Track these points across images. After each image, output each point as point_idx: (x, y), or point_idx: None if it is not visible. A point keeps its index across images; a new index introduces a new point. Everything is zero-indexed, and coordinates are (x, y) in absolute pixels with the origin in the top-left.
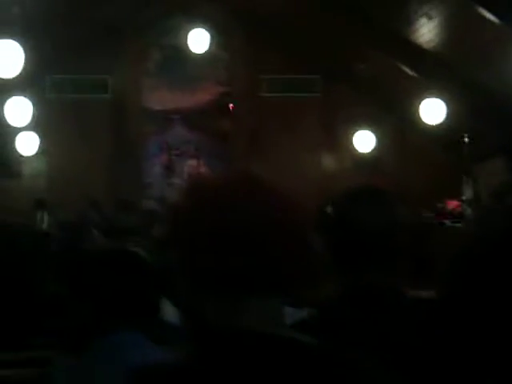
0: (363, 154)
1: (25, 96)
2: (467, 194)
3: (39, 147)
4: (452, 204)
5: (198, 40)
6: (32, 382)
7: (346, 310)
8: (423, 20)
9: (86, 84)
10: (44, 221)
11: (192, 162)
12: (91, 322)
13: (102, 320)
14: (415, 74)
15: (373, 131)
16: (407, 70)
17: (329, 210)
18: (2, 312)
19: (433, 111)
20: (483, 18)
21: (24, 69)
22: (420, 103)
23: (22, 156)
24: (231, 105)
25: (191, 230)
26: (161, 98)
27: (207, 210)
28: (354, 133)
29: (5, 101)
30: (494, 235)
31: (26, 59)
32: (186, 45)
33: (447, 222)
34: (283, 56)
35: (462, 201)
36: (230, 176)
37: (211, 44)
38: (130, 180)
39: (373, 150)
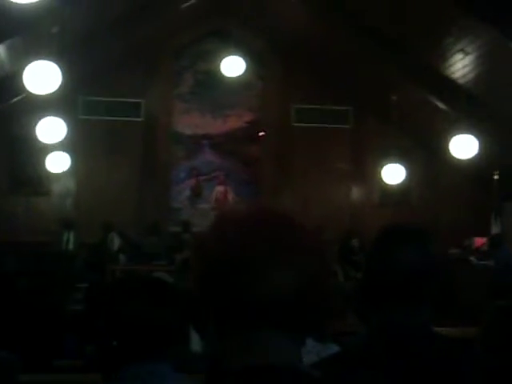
0: (392, 186)
1: (58, 116)
2: (495, 232)
3: (69, 167)
4: (479, 241)
5: (232, 66)
6: None
7: (376, 348)
8: (458, 55)
9: (118, 106)
10: (70, 241)
11: (220, 188)
12: (118, 348)
13: (128, 348)
14: (448, 109)
15: (402, 164)
16: (440, 104)
17: (355, 243)
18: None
19: (464, 147)
20: None
21: (58, 89)
22: (451, 138)
23: (52, 174)
24: (262, 133)
25: (216, 264)
26: (192, 123)
27: (230, 243)
28: (383, 165)
29: (38, 120)
30: None
31: (62, 80)
32: (220, 71)
33: (473, 260)
34: (315, 86)
35: (490, 239)
36: (259, 212)
37: (245, 71)
38: (157, 203)
39: (402, 183)
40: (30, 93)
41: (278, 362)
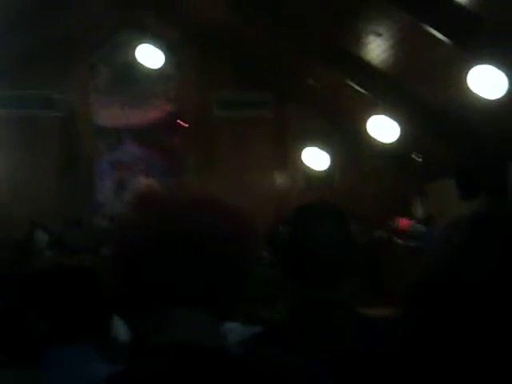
0: (315, 171)
1: None
2: (417, 213)
3: None
4: (403, 223)
5: (149, 57)
6: None
7: (298, 325)
8: (373, 38)
9: (33, 100)
10: None
11: (143, 179)
12: (41, 336)
13: (50, 334)
14: (364, 91)
15: (324, 148)
16: (357, 87)
17: (281, 228)
18: None
19: (382, 128)
20: (432, 36)
21: None
22: (370, 120)
23: None
24: (182, 122)
25: (134, 243)
26: (111, 115)
27: (151, 223)
28: (305, 150)
29: None
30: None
31: None
32: (136, 62)
33: (398, 240)
34: (234, 74)
35: (413, 220)
36: (175, 192)
37: (162, 61)
38: (80, 198)
39: (324, 168)
40: None
41: (196, 340)
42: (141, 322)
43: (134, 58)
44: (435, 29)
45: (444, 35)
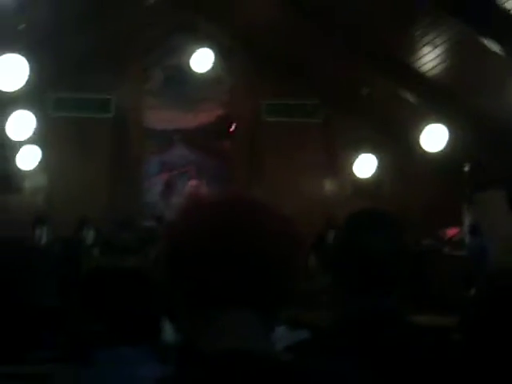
0: (364, 179)
1: (28, 110)
2: (467, 222)
3: (40, 162)
4: (451, 232)
5: (201, 61)
6: None
7: (345, 332)
8: (427, 48)
9: (88, 102)
10: (43, 236)
11: (192, 182)
12: (93, 335)
13: (104, 334)
14: (417, 101)
15: (374, 157)
16: (409, 96)
17: (332, 234)
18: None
19: (434, 138)
20: (486, 48)
21: (28, 84)
22: (421, 130)
23: (22, 170)
24: (232, 127)
25: (184, 248)
26: (163, 118)
27: (201, 228)
28: (355, 158)
29: (8, 115)
30: None
31: (31, 75)
32: (189, 66)
33: (446, 250)
34: (286, 81)
35: (462, 229)
36: (225, 196)
37: (214, 66)
38: (130, 198)
39: (374, 176)
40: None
41: (247, 346)
42: (190, 325)
43: (187, 62)
44: (490, 40)
45: (498, 46)
